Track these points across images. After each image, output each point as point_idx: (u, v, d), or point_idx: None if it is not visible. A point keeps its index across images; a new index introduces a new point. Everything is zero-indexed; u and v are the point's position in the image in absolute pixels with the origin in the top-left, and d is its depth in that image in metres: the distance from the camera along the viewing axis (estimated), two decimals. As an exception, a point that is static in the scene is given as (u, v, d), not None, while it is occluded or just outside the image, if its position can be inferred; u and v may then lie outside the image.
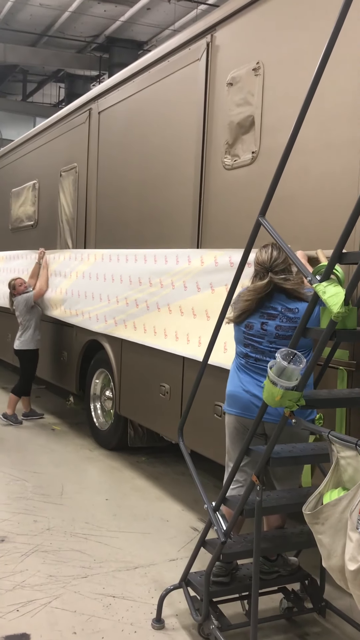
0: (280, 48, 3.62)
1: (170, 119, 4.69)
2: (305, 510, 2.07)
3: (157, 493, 4.79)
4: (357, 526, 1.84)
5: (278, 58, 3.63)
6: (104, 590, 3.28)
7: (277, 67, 3.64)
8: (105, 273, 5.29)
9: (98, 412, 6.13)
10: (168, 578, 3.42)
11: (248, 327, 2.90)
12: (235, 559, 2.88)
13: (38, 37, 16.14)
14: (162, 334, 4.48)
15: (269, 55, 3.70)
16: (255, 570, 2.53)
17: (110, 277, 5.18)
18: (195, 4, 13.10)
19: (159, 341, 4.53)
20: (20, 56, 16.46)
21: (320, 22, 3.29)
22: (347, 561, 1.83)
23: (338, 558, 1.92)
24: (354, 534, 1.83)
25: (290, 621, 3.09)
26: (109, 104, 5.69)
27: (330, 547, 1.97)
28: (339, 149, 3.16)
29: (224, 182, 4.08)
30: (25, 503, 4.43)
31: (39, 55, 16.61)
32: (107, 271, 5.26)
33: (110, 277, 5.19)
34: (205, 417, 4.12)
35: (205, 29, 4.30)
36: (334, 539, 1.95)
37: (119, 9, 14.09)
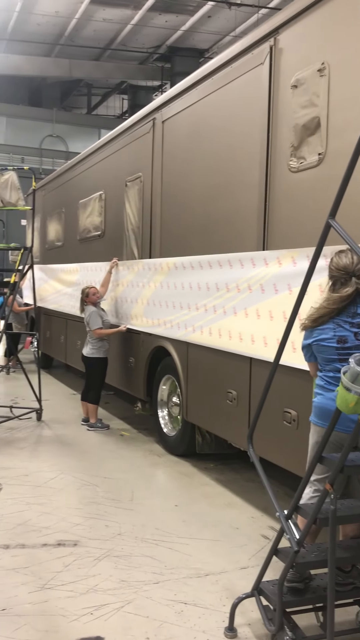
0: (345, 47, 3.55)
1: (234, 125, 4.68)
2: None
3: (227, 500, 4.76)
4: None
5: (344, 58, 3.56)
6: (175, 596, 3.29)
7: (342, 66, 3.57)
8: (182, 282, 5.32)
9: (166, 418, 6.16)
10: (239, 586, 3.38)
11: (341, 342, 2.75)
12: (309, 568, 2.82)
13: (101, 51, 16.54)
14: (237, 337, 4.46)
15: (334, 55, 3.64)
16: (330, 581, 2.47)
17: (188, 285, 5.21)
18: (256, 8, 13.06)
19: (237, 346, 4.49)
20: (85, 71, 16.92)
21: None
22: None
23: None
24: None
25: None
26: (172, 113, 5.74)
27: None
28: None
29: (290, 185, 4.03)
30: (96, 508, 4.50)
31: (102, 68, 17.02)
32: (184, 279, 5.30)
33: (187, 285, 5.22)
34: (274, 423, 4.07)
35: (268, 32, 4.28)
36: None
37: (180, 19, 14.24)
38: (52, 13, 14.04)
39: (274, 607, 2.80)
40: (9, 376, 10.40)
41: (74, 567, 3.58)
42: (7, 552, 3.74)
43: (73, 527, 4.14)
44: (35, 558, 3.68)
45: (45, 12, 14.00)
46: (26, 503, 4.55)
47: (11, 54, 16.12)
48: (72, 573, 3.51)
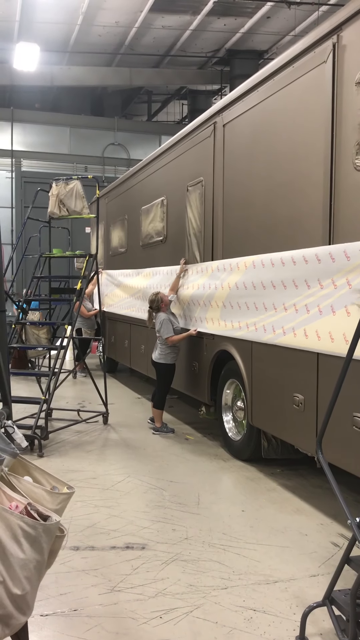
0: None
1: (297, 125, 4.62)
2: None
3: (295, 506, 4.68)
4: None
5: None
6: (244, 603, 3.26)
7: None
8: (262, 280, 4.98)
9: (230, 422, 6.13)
10: (310, 594, 3.32)
11: None
12: (383, 579, 2.72)
13: (161, 58, 16.69)
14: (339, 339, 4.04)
15: None
16: None
17: (270, 284, 4.86)
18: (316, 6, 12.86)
19: (332, 347, 4.12)
20: (145, 78, 17.13)
21: None
22: None
23: None
24: None
25: None
26: (233, 116, 5.73)
27: None
28: None
29: (356, 183, 3.94)
30: (163, 512, 4.53)
31: (162, 75, 17.18)
32: (264, 278, 4.96)
33: (270, 284, 4.87)
34: (343, 428, 3.97)
35: (330, 30, 4.21)
36: None
37: (239, 21, 14.19)
38: (113, 24, 14.29)
39: (346, 618, 2.72)
40: (76, 380, 10.63)
41: (143, 570, 3.61)
42: (77, 554, 3.82)
43: (140, 531, 4.18)
44: (105, 560, 3.74)
45: (106, 24, 14.27)
46: (94, 506, 4.63)
47: (73, 65, 16.53)
48: (140, 576, 3.54)
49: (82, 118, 18.42)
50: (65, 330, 7.59)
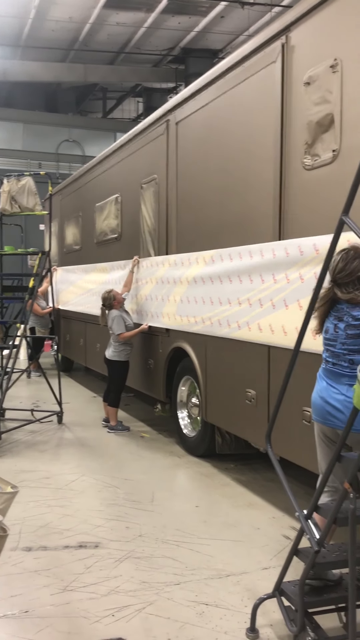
0: (357, 43, 3.52)
1: (248, 124, 4.67)
2: None
3: (247, 500, 4.74)
4: None
5: (356, 53, 3.53)
6: (196, 597, 3.28)
7: (355, 62, 3.54)
8: (219, 275, 4.98)
9: (185, 419, 6.16)
10: (261, 587, 3.37)
11: (326, 332, 2.91)
12: (330, 568, 2.80)
13: (115, 55, 16.61)
14: (292, 332, 4.05)
15: (347, 51, 3.61)
16: (351, 581, 2.44)
17: (227, 278, 4.86)
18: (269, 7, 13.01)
19: (285, 340, 4.15)
20: (100, 75, 17.01)
21: None
22: None
23: None
24: None
25: (392, 635, 2.95)
26: (186, 114, 5.75)
27: None
28: None
29: (304, 182, 4.01)
30: (117, 509, 4.52)
31: (117, 72, 17.10)
32: (220, 273, 4.96)
33: (226, 278, 4.87)
34: (292, 423, 4.04)
35: (279, 30, 4.26)
36: None
37: (193, 20, 14.24)
38: (66, 19, 14.13)
39: (295, 608, 2.78)
40: (30, 380, 10.49)
41: (96, 569, 3.59)
42: (30, 555, 3.77)
43: (94, 529, 4.16)
44: (57, 560, 3.70)
45: (59, 18, 14.10)
46: (48, 505, 4.58)
47: (26, 60, 16.27)
48: (93, 575, 3.52)
49: (35, 114, 18.15)
50: (18, 329, 7.48)
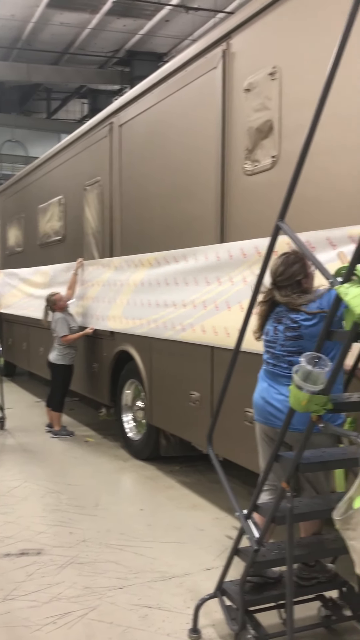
0: (295, 52, 3.61)
1: (190, 128, 4.71)
2: (335, 516, 2.03)
3: (192, 502, 4.77)
4: (389, 531, 1.80)
5: (294, 62, 3.62)
6: (140, 601, 3.28)
7: (293, 70, 3.63)
8: (166, 277, 4.97)
9: (130, 422, 6.15)
10: (204, 587, 3.39)
11: (266, 334, 2.97)
12: (269, 567, 2.85)
13: (60, 55, 16.42)
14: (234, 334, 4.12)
15: (285, 59, 3.70)
16: (288, 578, 2.50)
17: (173, 280, 4.87)
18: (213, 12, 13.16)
19: (228, 341, 4.16)
20: (44, 75, 16.77)
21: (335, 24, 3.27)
22: (380, 567, 1.80)
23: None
24: (385, 539, 1.80)
25: (329, 630, 3.03)
26: (129, 117, 5.75)
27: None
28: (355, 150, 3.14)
29: (245, 187, 4.07)
30: (60, 515, 4.46)
31: (61, 73, 16.90)
32: (167, 275, 4.96)
33: (173, 280, 4.88)
34: (235, 424, 4.09)
35: (220, 37, 4.32)
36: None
37: (138, 23, 14.25)
38: (8, 16, 13.88)
39: (236, 607, 2.82)
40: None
41: (37, 576, 3.53)
42: (-31, 564, 3.68)
43: (36, 536, 4.09)
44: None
45: (1, 16, 13.84)
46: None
47: (-33, 58, 15.91)
48: (35, 582, 3.46)
49: (-23, 113, 17.76)
50: None
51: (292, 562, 2.53)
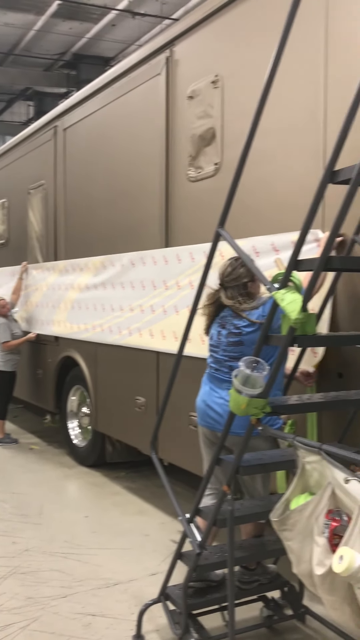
0: (237, 61, 3.67)
1: (135, 134, 4.72)
2: (273, 517, 2.07)
3: (138, 507, 4.76)
4: (324, 531, 1.85)
5: (235, 70, 3.68)
6: (83, 609, 3.24)
7: (235, 79, 3.69)
8: (113, 281, 4.93)
9: (76, 429, 6.08)
10: (148, 593, 3.38)
11: (210, 338, 3.01)
12: (212, 570, 2.87)
13: (4, 56, 16.13)
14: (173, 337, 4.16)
15: (227, 68, 3.75)
16: (230, 580, 2.52)
17: (120, 284, 4.83)
18: (160, 19, 13.22)
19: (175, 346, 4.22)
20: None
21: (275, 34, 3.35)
22: (315, 566, 1.84)
23: (307, 564, 1.93)
24: (320, 539, 1.84)
25: (271, 629, 3.08)
26: (73, 121, 5.71)
27: (299, 553, 1.98)
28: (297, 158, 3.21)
29: (189, 194, 4.11)
30: (3, 525, 4.37)
31: (6, 74, 16.59)
32: (114, 279, 4.90)
33: (119, 284, 4.84)
34: (180, 428, 4.11)
35: (164, 44, 4.36)
36: (302, 545, 1.96)
37: (84, 26, 14.16)
38: None
39: (179, 611, 2.83)
40: None
41: (-22, 589, 3.45)
42: None
43: (-23, 547, 4.00)
44: None
45: None
46: None
47: None
48: (-25, 595, 3.38)
49: None
50: None
51: (234, 565, 2.56)
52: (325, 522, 1.85)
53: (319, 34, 3.04)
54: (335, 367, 3.04)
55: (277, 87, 3.14)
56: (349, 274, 2.87)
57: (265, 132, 3.28)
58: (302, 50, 3.10)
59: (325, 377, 3.04)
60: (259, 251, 3.43)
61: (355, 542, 1.70)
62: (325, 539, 1.83)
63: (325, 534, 1.84)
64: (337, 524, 1.84)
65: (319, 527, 1.86)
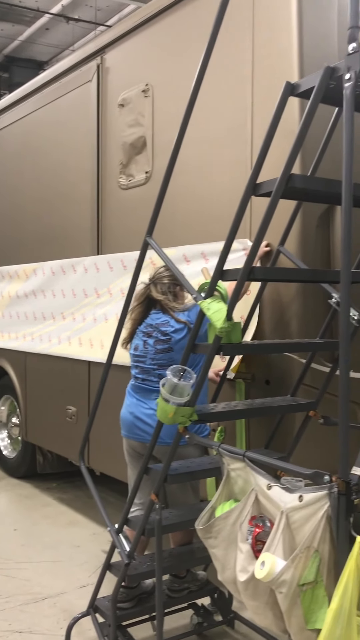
0: (167, 70, 3.70)
1: (66, 140, 4.67)
2: (197, 525, 2.08)
3: (69, 518, 4.68)
4: (247, 537, 1.88)
5: (166, 80, 3.71)
6: (10, 626, 3.15)
7: (165, 89, 3.72)
8: (44, 289, 4.85)
9: (5, 440, 5.93)
10: (78, 606, 3.33)
11: (135, 349, 2.97)
12: (141, 579, 2.86)
13: None
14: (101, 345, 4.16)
15: (158, 77, 3.78)
16: (158, 589, 2.52)
17: (51, 292, 4.77)
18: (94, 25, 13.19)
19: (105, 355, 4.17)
20: None
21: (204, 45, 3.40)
22: (238, 572, 1.86)
23: (231, 570, 1.95)
24: (244, 545, 1.87)
25: (201, 636, 3.09)
26: (3, 125, 5.59)
27: (224, 560, 2.00)
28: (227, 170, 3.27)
29: (120, 202, 4.10)
30: None
31: None
32: (45, 287, 4.84)
33: (50, 292, 4.78)
34: (112, 437, 4.07)
35: (94, 50, 4.34)
36: (227, 552, 1.97)
37: (17, 29, 13.95)
38: None
39: (109, 623, 2.80)
40: None
41: None
42: None
43: None
44: None
45: None
46: None
47: None
48: None
49: None
50: None
51: (162, 574, 2.56)
52: (249, 529, 1.88)
53: (246, 50, 3.10)
54: (263, 374, 3.10)
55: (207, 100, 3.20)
56: (274, 284, 2.94)
57: (196, 142, 3.35)
58: (231, 64, 3.16)
59: (254, 385, 3.09)
60: (189, 259, 3.46)
61: (277, 548, 1.74)
62: (248, 545, 1.86)
63: (249, 541, 1.86)
64: (260, 530, 1.87)
65: (242, 533, 1.89)
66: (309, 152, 2.61)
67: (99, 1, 12.53)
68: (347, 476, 1.65)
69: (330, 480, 1.69)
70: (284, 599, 1.70)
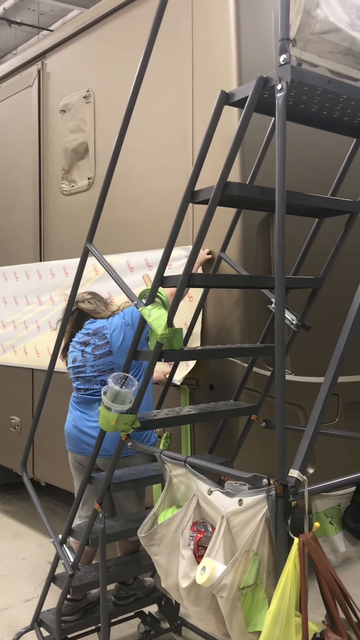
0: (109, 76, 3.70)
1: (7, 145, 4.60)
2: (140, 533, 2.07)
3: (14, 531, 4.58)
4: (189, 543, 1.88)
5: (107, 86, 3.70)
6: None
7: (106, 94, 3.71)
8: None
9: None
10: (23, 620, 3.26)
11: (73, 361, 2.94)
12: (86, 590, 2.82)
13: None
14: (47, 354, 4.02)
15: (99, 83, 3.77)
16: (102, 599, 2.49)
17: None
18: (37, 30, 13.03)
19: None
20: None
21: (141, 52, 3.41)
22: (180, 578, 1.86)
23: (174, 577, 1.94)
24: (186, 551, 1.87)
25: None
26: None
27: (167, 567, 1.99)
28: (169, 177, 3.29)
29: (62, 207, 4.06)
30: None
31: None
32: None
33: None
34: (57, 447, 4.01)
35: (35, 55, 4.30)
36: (169, 559, 1.97)
37: None
38: None
39: (54, 637, 2.74)
40: None
41: None
42: None
43: None
44: None
45: None
46: None
47: None
48: None
49: None
50: None
51: (107, 583, 2.53)
52: (191, 534, 1.88)
53: (186, 58, 3.14)
54: (207, 379, 3.13)
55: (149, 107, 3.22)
56: (216, 290, 2.97)
57: (139, 150, 3.36)
58: (172, 73, 3.19)
59: (198, 390, 3.11)
60: (132, 266, 3.46)
61: (218, 552, 1.75)
62: (190, 551, 1.86)
63: (191, 546, 1.87)
64: (202, 535, 1.87)
65: (184, 539, 1.89)
66: (250, 160, 2.65)
67: (42, 5, 12.39)
68: (284, 479, 1.68)
69: (269, 483, 1.71)
70: (224, 603, 1.71)
